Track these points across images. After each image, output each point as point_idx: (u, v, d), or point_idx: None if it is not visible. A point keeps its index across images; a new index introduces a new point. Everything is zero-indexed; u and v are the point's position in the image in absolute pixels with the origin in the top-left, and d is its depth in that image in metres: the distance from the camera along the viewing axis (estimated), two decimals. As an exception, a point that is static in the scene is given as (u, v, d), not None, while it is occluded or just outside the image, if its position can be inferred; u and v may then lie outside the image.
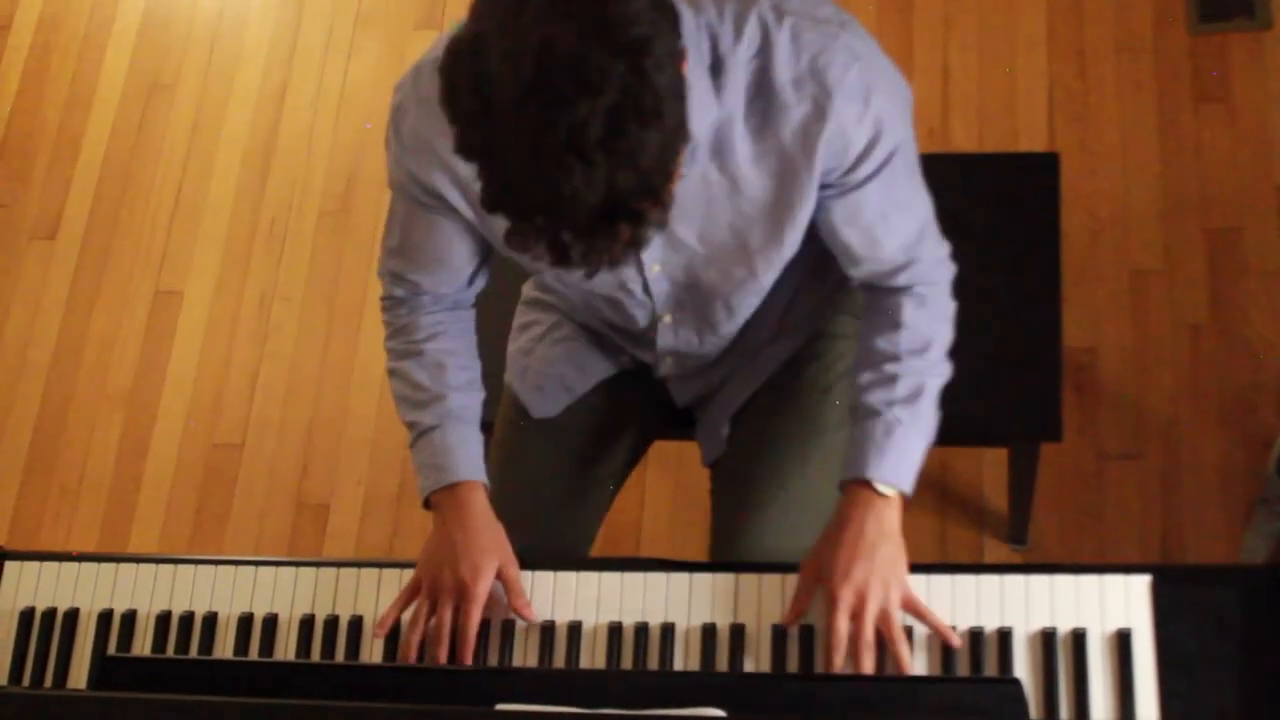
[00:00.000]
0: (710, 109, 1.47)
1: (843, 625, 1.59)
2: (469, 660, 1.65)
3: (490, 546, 1.69)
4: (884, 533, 1.63)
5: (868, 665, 1.58)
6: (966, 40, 3.03)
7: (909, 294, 1.70)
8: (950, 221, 2.18)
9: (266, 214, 3.20)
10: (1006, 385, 2.09)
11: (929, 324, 1.70)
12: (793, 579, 1.66)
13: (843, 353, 1.92)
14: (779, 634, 1.64)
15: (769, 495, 1.83)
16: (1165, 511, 2.59)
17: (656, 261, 1.66)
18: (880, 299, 1.72)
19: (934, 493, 2.67)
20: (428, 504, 1.75)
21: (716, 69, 1.47)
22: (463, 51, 1.25)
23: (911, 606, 1.62)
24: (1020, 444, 2.25)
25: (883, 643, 1.60)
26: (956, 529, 2.64)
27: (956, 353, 2.09)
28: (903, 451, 1.66)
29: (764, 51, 1.48)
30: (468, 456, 1.74)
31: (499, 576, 1.69)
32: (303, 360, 3.03)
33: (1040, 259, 2.14)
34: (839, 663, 1.58)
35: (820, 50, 1.48)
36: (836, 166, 1.55)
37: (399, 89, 1.61)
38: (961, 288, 2.13)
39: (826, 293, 1.89)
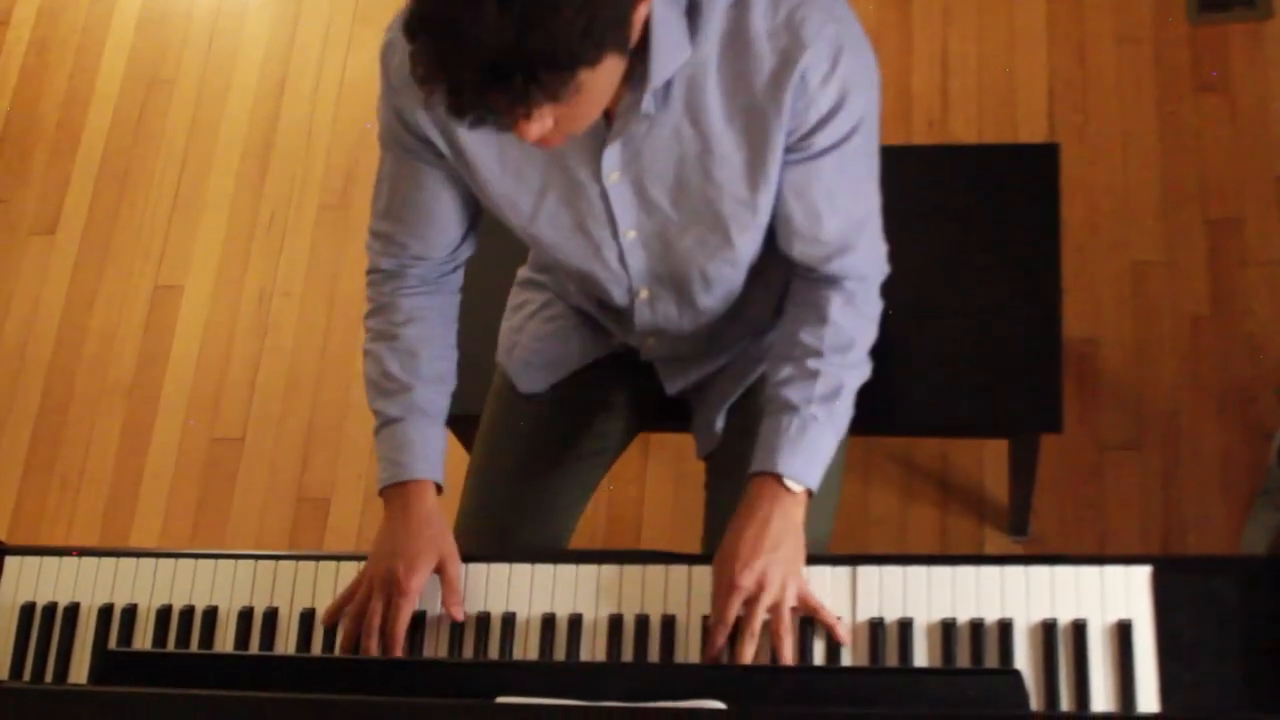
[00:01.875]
0: (682, 49, 1.48)
1: (732, 612, 1.61)
2: (398, 654, 1.66)
3: (428, 544, 1.69)
4: (788, 528, 1.65)
5: (748, 654, 1.61)
6: (966, 31, 3.03)
7: (838, 288, 1.71)
8: (950, 212, 2.19)
9: (266, 208, 3.20)
10: (1007, 376, 2.09)
11: (855, 322, 1.72)
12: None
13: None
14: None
15: None
16: (1166, 502, 2.59)
17: (631, 227, 1.66)
18: (809, 290, 1.73)
19: (935, 484, 2.67)
20: (381, 494, 1.76)
21: (693, 12, 1.48)
22: None
23: (805, 602, 1.63)
24: (1021, 435, 2.25)
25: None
26: (957, 520, 2.64)
27: (958, 345, 2.10)
28: (815, 449, 1.68)
29: (742, 1, 1.48)
30: (425, 454, 1.75)
31: (437, 572, 1.70)
32: (303, 354, 3.04)
33: (1040, 250, 2.13)
34: (720, 643, 1.61)
35: (798, 4, 1.49)
36: (798, 126, 1.55)
37: (389, 29, 1.62)
38: (962, 279, 2.13)
39: None
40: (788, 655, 1.61)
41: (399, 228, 1.74)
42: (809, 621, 1.64)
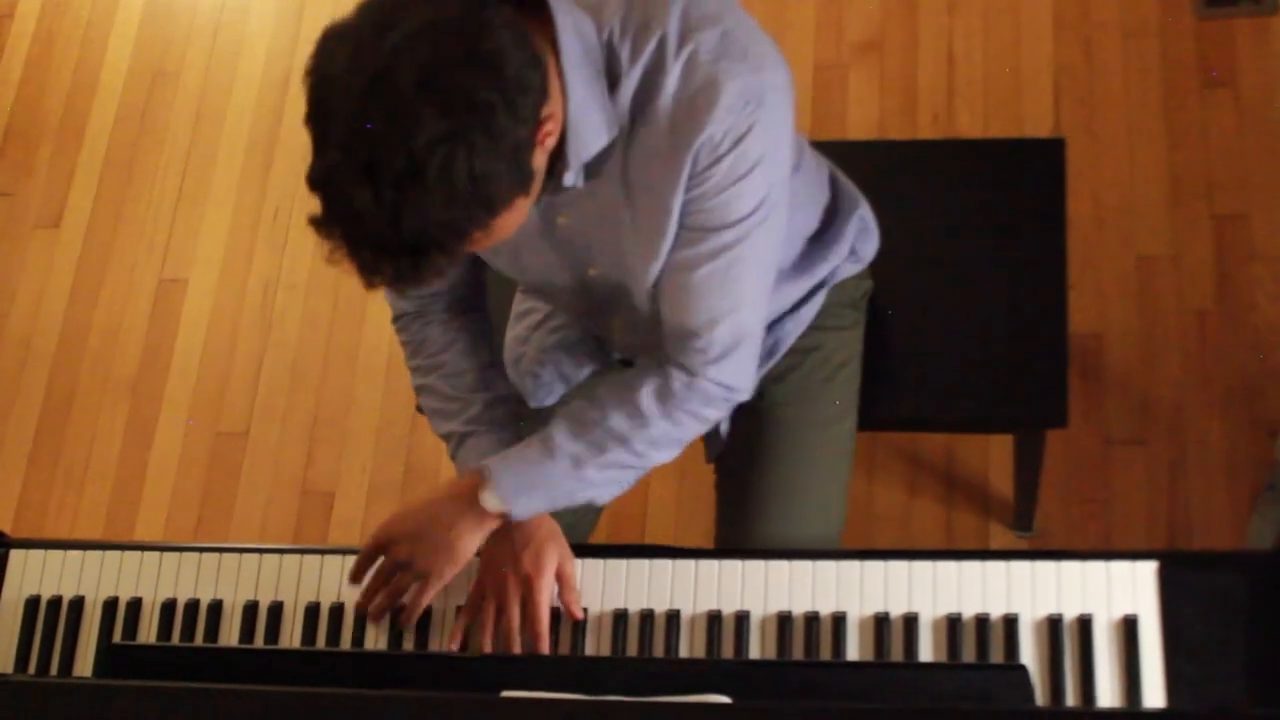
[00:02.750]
0: (606, 126, 1.46)
1: (364, 561, 1.69)
2: (544, 644, 1.66)
3: (549, 539, 1.69)
4: (446, 527, 1.65)
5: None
6: (972, 25, 3.02)
7: (666, 381, 1.63)
8: (955, 207, 2.19)
9: (270, 202, 3.19)
10: (1012, 371, 2.08)
11: (674, 430, 1.65)
12: (797, 565, 1.66)
13: (842, 343, 1.91)
14: (784, 621, 1.64)
15: (772, 489, 1.83)
16: (1171, 497, 2.58)
17: (579, 272, 1.67)
18: (645, 368, 1.67)
19: (940, 479, 2.67)
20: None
21: (612, 87, 1.46)
22: (329, 35, 1.30)
23: (415, 602, 1.68)
24: (1026, 430, 2.25)
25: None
26: (962, 516, 2.64)
27: (963, 340, 2.09)
28: (537, 483, 1.64)
29: (655, 71, 1.45)
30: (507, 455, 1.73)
31: (556, 571, 1.69)
32: (307, 348, 3.03)
33: (1046, 245, 2.13)
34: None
35: (712, 83, 1.44)
36: (694, 202, 1.50)
37: None
38: (967, 274, 2.13)
39: (816, 284, 1.88)
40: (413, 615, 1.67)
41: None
42: (812, 619, 1.64)
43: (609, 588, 1.69)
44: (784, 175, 1.56)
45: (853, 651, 1.62)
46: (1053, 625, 1.59)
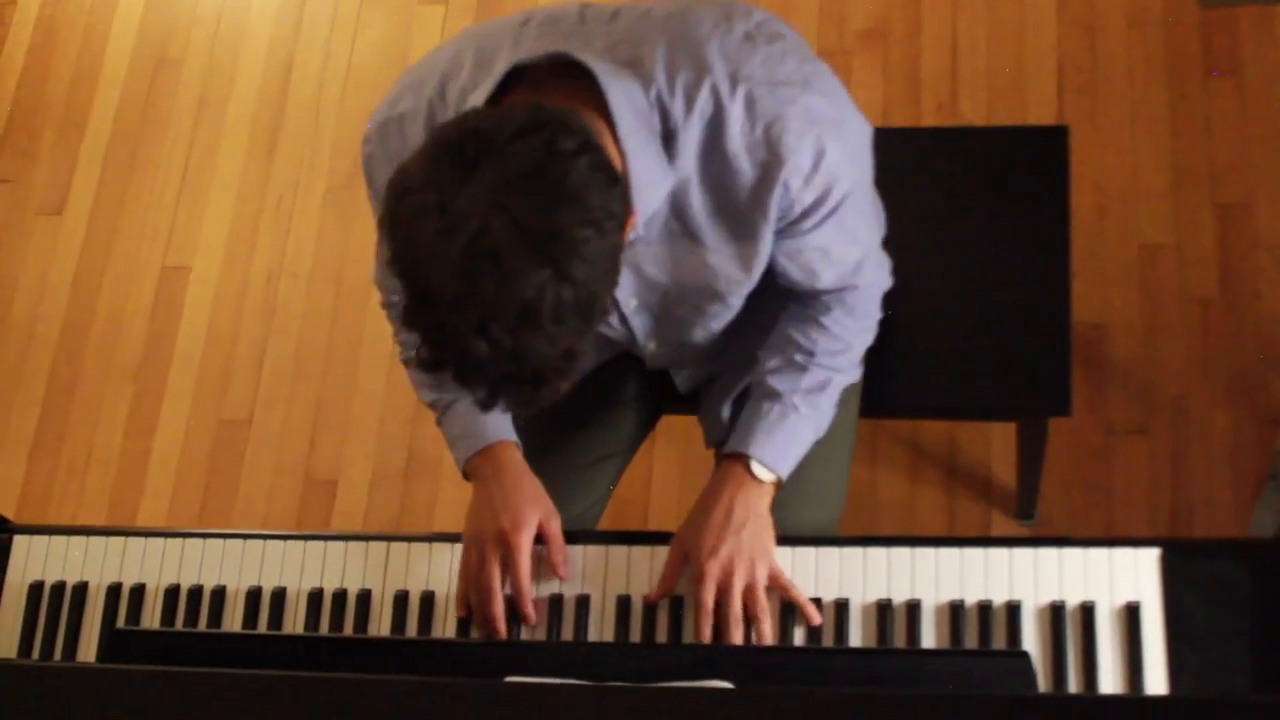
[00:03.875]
0: (665, 180, 1.49)
1: (708, 599, 1.64)
2: (531, 616, 1.68)
3: (529, 500, 1.71)
4: (751, 512, 1.67)
5: (736, 637, 1.63)
6: (976, 13, 3.02)
7: (838, 299, 1.73)
8: (959, 195, 2.19)
9: (274, 190, 3.19)
10: (1015, 360, 2.08)
11: (850, 328, 1.74)
12: (800, 551, 1.67)
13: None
14: (785, 607, 1.64)
15: None
16: (1174, 486, 2.59)
17: (633, 296, 1.68)
18: (808, 298, 1.74)
19: (943, 467, 2.67)
20: (466, 475, 1.77)
21: (669, 140, 1.48)
22: (404, 209, 1.28)
23: (777, 582, 1.65)
24: (1029, 419, 2.25)
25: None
26: (965, 504, 2.64)
27: (966, 328, 2.09)
28: (790, 439, 1.70)
29: (715, 121, 1.48)
30: (493, 419, 1.75)
31: (540, 530, 1.71)
32: (310, 336, 3.03)
33: (1049, 233, 2.13)
34: (707, 634, 1.63)
35: (775, 118, 1.48)
36: (781, 218, 1.57)
37: (367, 140, 1.65)
38: (970, 262, 2.13)
39: None
40: (767, 634, 1.64)
41: None
42: (815, 606, 1.64)
43: (612, 574, 1.70)
44: (863, 154, 1.62)
45: (855, 638, 1.63)
46: (1055, 612, 1.59)
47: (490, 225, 1.24)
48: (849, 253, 1.67)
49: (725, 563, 1.64)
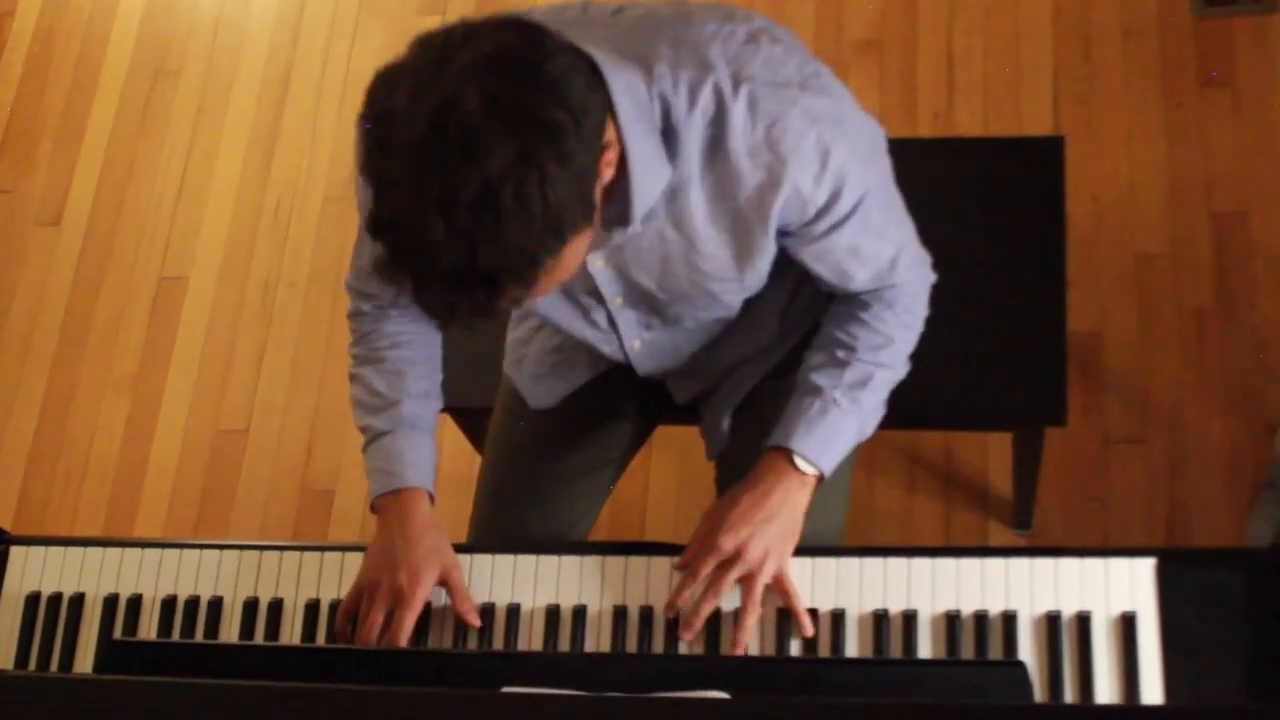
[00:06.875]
0: (662, 175, 1.48)
1: (705, 569, 1.63)
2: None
3: (430, 554, 1.69)
4: (786, 506, 1.66)
5: (704, 611, 1.62)
6: (972, 24, 3.03)
7: (877, 297, 1.71)
8: (955, 205, 2.19)
9: (271, 199, 3.20)
10: (1011, 369, 2.08)
11: (891, 326, 1.72)
12: (797, 561, 1.67)
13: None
14: (782, 617, 1.64)
15: None
16: (1170, 496, 2.59)
17: (618, 295, 1.68)
18: (849, 298, 1.73)
19: (939, 477, 2.67)
20: (374, 508, 1.75)
21: (669, 136, 1.48)
22: (385, 77, 1.29)
23: (780, 583, 1.64)
24: (1025, 428, 2.25)
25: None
26: (961, 513, 2.64)
27: (962, 338, 2.10)
28: (833, 434, 1.68)
29: (718, 120, 1.48)
30: (416, 463, 1.74)
31: (442, 582, 1.69)
32: (307, 345, 3.04)
33: (1045, 243, 2.13)
34: (684, 597, 1.63)
35: (777, 118, 1.47)
36: (796, 221, 1.56)
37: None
38: (966, 272, 2.13)
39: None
40: (748, 627, 1.62)
41: (383, 287, 1.73)
42: (811, 616, 1.64)
43: (609, 585, 1.70)
44: (877, 152, 1.61)
45: (851, 648, 1.63)
46: (1051, 622, 1.59)
47: (463, 93, 1.24)
48: (881, 250, 1.65)
49: (740, 543, 1.62)
